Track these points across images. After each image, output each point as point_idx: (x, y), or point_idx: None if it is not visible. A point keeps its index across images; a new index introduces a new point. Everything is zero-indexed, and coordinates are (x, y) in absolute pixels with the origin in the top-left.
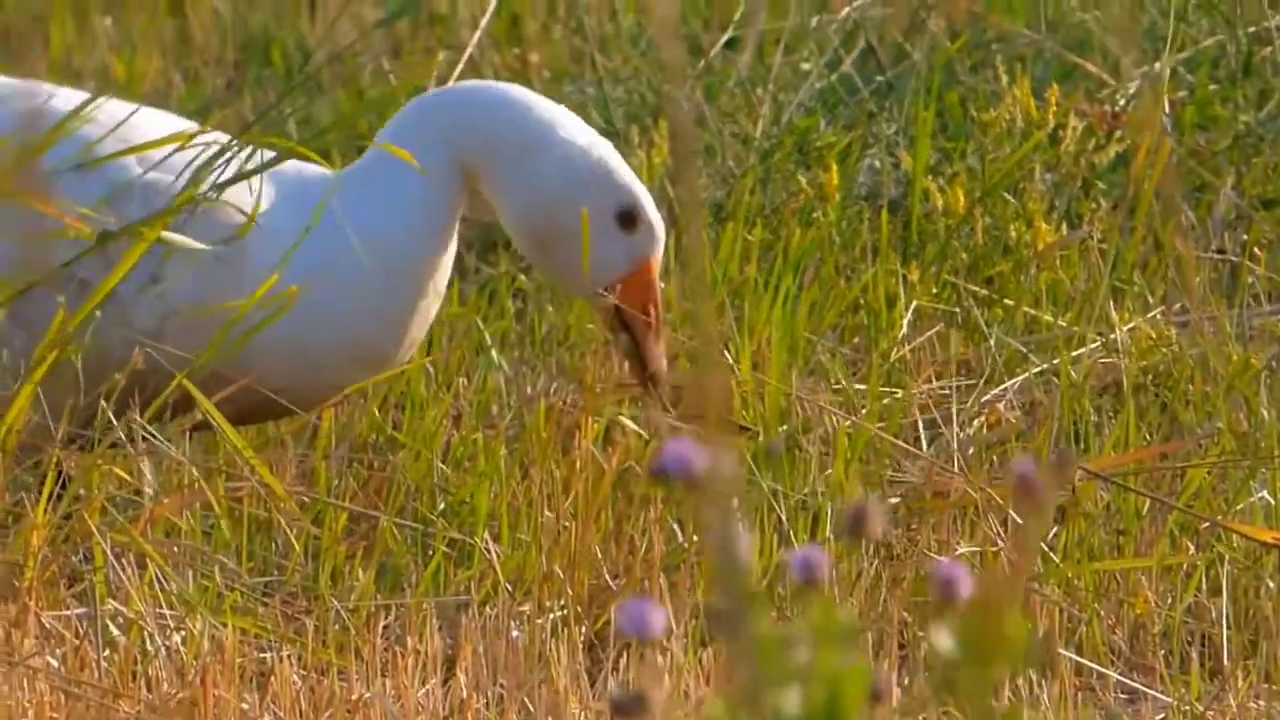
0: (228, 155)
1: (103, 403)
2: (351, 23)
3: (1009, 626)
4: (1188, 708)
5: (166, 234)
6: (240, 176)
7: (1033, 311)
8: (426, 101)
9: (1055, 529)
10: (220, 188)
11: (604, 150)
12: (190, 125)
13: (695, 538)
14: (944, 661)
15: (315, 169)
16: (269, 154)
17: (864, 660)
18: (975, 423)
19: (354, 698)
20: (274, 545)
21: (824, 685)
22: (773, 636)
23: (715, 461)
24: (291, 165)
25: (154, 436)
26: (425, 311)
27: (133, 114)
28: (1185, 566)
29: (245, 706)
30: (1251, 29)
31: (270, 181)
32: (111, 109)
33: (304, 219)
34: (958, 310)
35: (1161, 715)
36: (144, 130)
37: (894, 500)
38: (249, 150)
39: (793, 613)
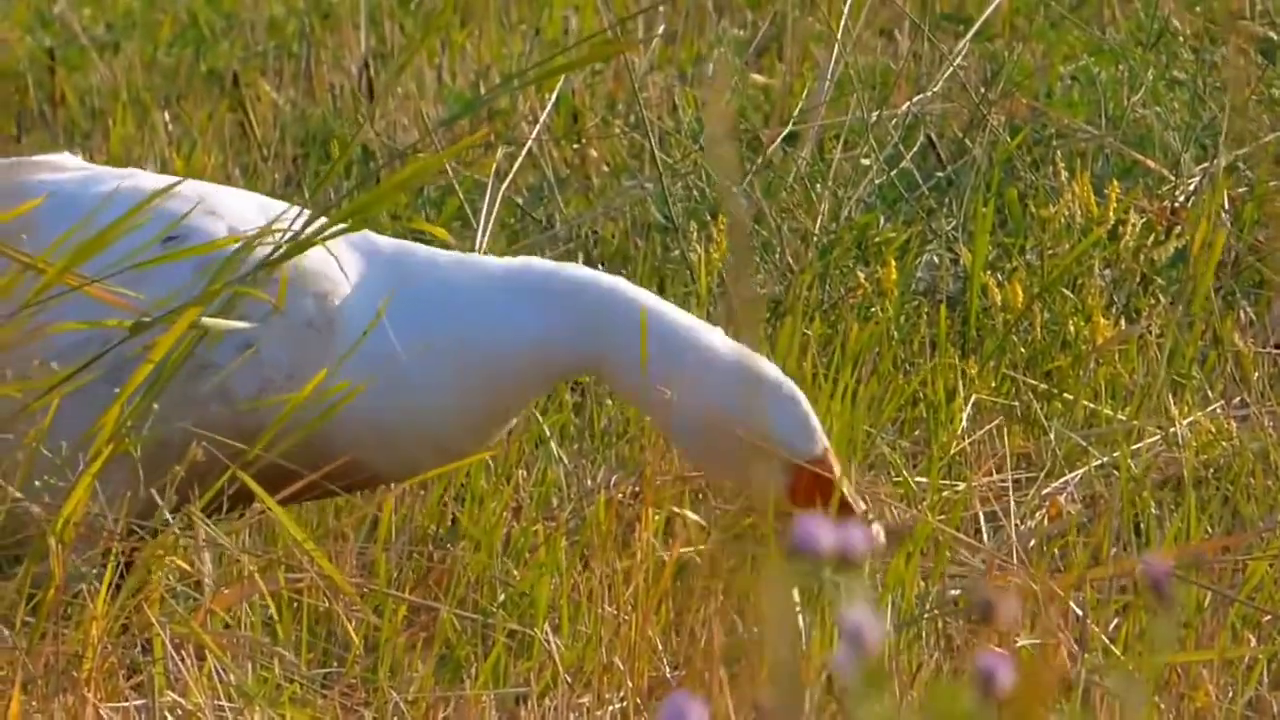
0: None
1: (161, 493)
2: (411, 118)
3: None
4: None
5: (206, 319)
6: (305, 243)
7: (1092, 405)
8: (581, 286)
9: (1115, 621)
10: (291, 259)
11: (743, 374)
12: (271, 202)
13: (755, 629)
14: None
15: (426, 251)
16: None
17: None
18: (1036, 515)
19: None
20: (333, 637)
21: None
22: None
23: (848, 539)
24: (395, 244)
25: (211, 529)
26: (506, 414)
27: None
28: (1246, 659)
29: None
30: None
31: (368, 258)
32: (193, 188)
33: (401, 300)
34: (1017, 404)
35: None
36: (229, 205)
37: (954, 592)
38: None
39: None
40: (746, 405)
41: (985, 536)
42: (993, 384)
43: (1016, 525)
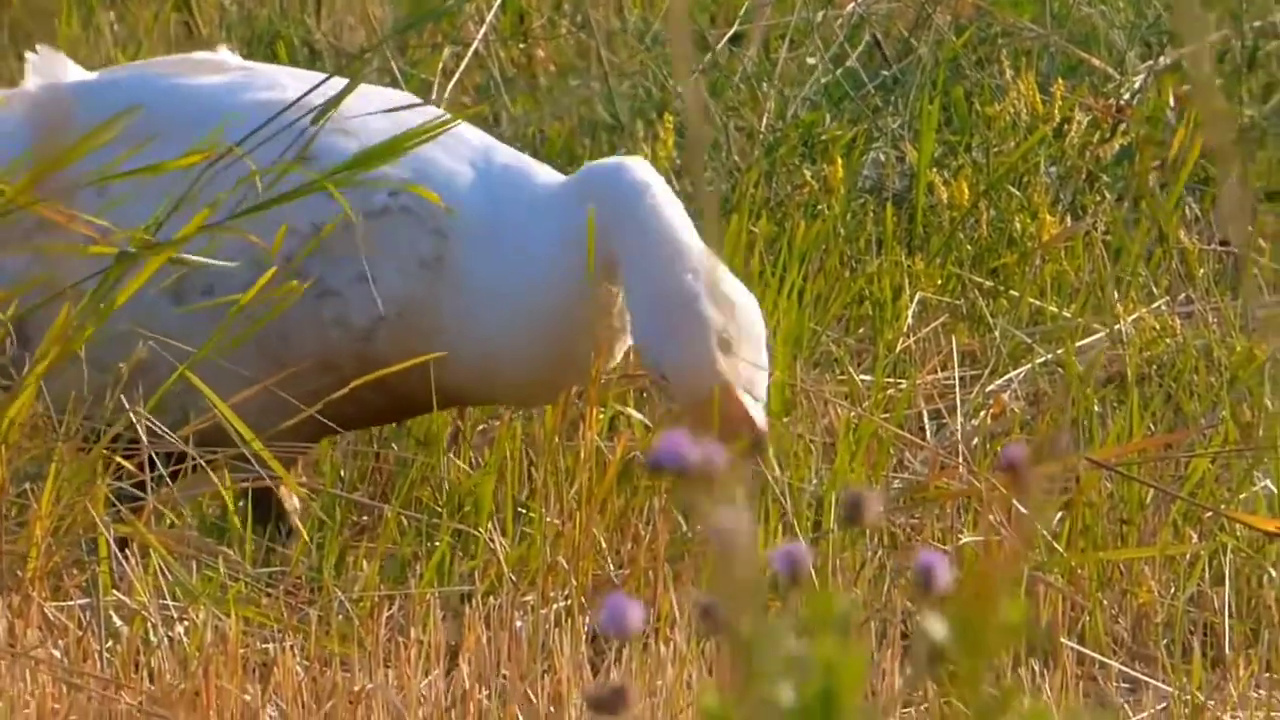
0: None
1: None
2: (357, 17)
3: (1006, 611)
4: (1189, 697)
5: (183, 255)
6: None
7: (1037, 303)
8: (602, 174)
9: (1060, 517)
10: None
11: (657, 305)
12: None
13: (698, 528)
14: (935, 648)
15: (547, 172)
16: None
17: (860, 650)
18: (980, 413)
19: (356, 688)
20: (279, 536)
21: (820, 676)
22: (766, 628)
23: (709, 454)
24: (518, 163)
25: (159, 427)
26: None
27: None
28: (1188, 556)
29: (247, 698)
30: (1257, 23)
31: (483, 179)
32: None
33: (517, 223)
34: (962, 302)
35: (1163, 705)
36: (362, 123)
37: (897, 490)
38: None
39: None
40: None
41: (929, 434)
42: (938, 281)
43: (961, 423)
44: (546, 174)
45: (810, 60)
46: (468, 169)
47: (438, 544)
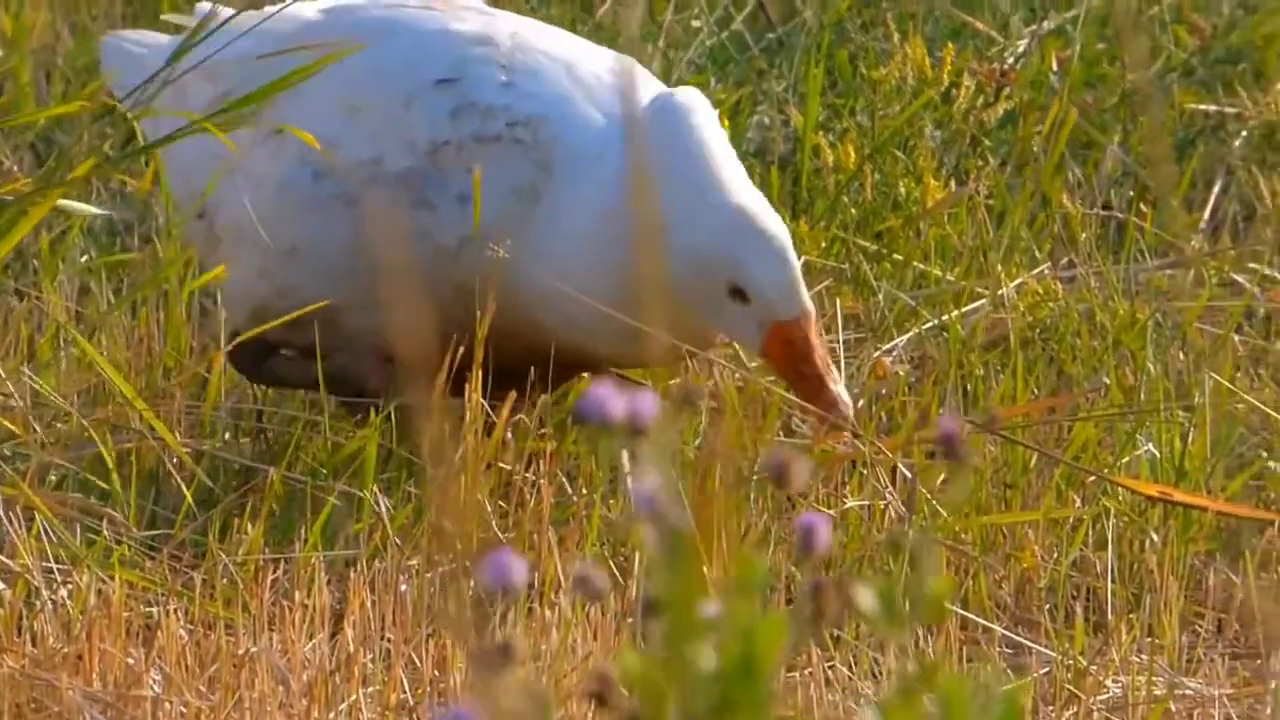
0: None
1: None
2: None
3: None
4: (1071, 662)
5: (63, 202)
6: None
7: (922, 267)
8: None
9: (942, 480)
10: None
11: (735, 220)
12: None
13: (584, 491)
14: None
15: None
16: None
17: (779, 613)
18: (865, 376)
19: (241, 652)
20: (163, 499)
21: (739, 639)
22: (688, 589)
23: (635, 406)
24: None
25: (41, 386)
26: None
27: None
28: (1071, 520)
29: (131, 661)
30: None
31: (595, 104)
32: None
33: (609, 157)
34: (847, 265)
35: (1046, 669)
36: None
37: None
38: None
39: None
40: (736, 254)
41: None
42: (823, 244)
43: (846, 386)
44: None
45: (695, 23)
46: (595, 108)
47: (322, 507)
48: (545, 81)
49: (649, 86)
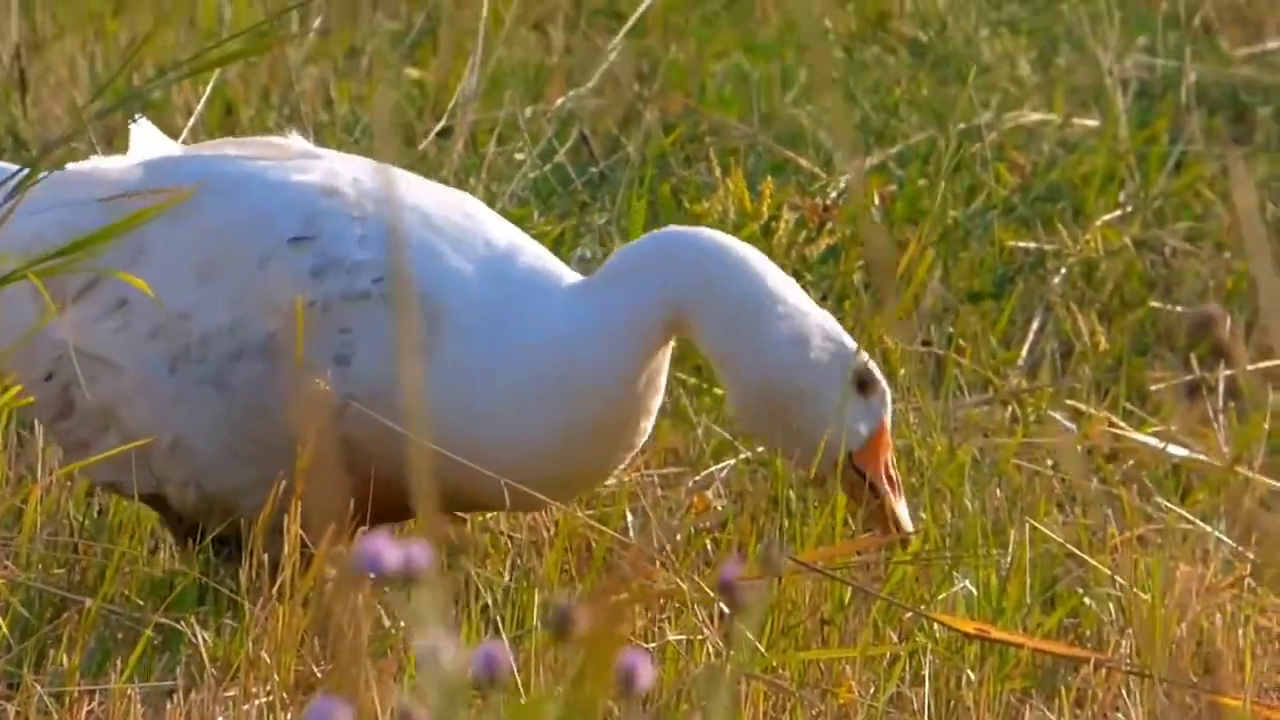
0: None
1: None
2: (64, 107)
3: None
4: None
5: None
6: None
7: None
8: (664, 237)
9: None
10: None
11: (828, 318)
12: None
13: (401, 623)
14: None
15: (555, 268)
16: None
17: None
18: (683, 510)
19: None
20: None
21: None
22: None
23: (411, 557)
24: (527, 256)
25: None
26: (615, 438)
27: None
28: (888, 656)
29: None
30: (961, 126)
31: (489, 271)
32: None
33: (524, 314)
34: (667, 399)
35: None
36: (375, 206)
37: (603, 589)
38: None
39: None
40: (852, 347)
41: (633, 532)
42: None
43: (664, 520)
44: (566, 270)
45: (519, 156)
46: (472, 263)
47: (139, 638)
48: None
49: (498, 227)
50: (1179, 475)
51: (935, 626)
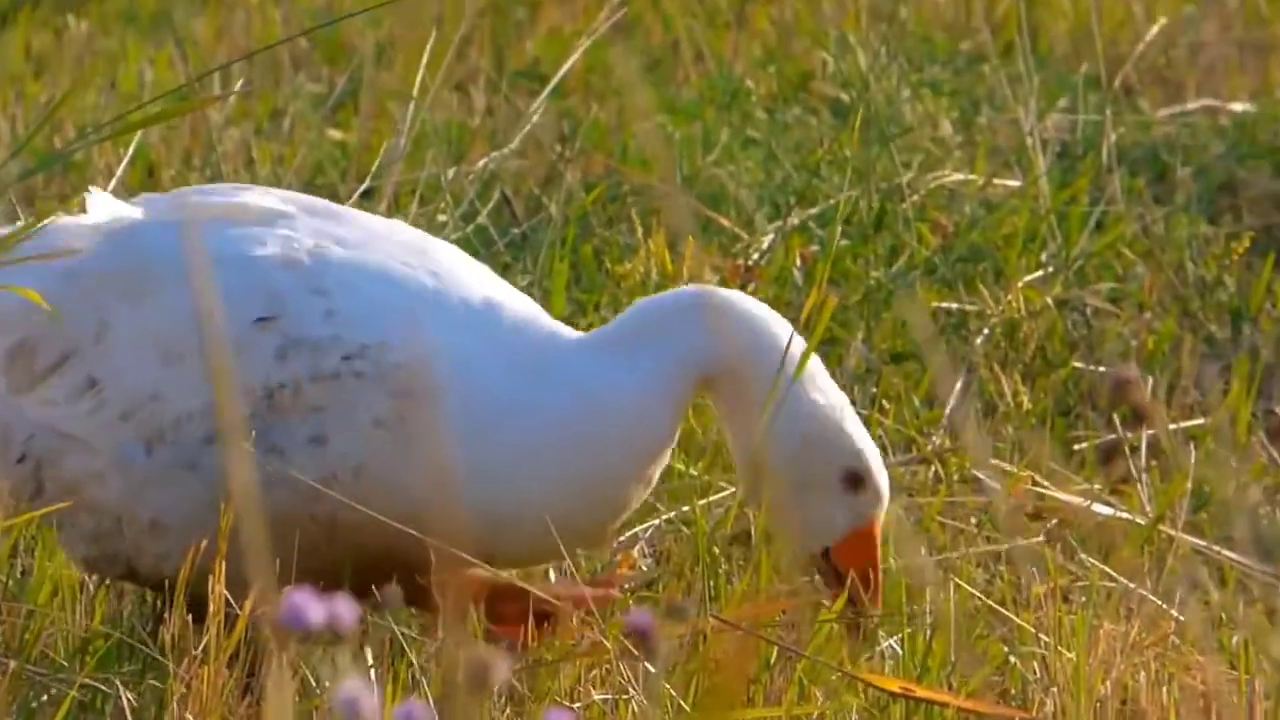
0: None
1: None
2: None
3: None
4: None
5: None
6: None
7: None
8: (695, 295)
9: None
10: None
11: (843, 410)
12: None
13: (328, 685)
14: None
15: (554, 329)
16: None
17: None
18: (608, 571)
19: None
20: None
21: None
22: None
23: (336, 614)
24: (525, 316)
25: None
26: (645, 486)
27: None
28: (814, 716)
29: None
30: (884, 185)
31: (481, 339)
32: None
33: (520, 382)
34: None
35: None
36: (342, 281)
37: (524, 649)
38: None
39: None
40: (860, 443)
41: None
42: None
43: (589, 579)
44: (560, 327)
45: (441, 217)
46: (456, 322)
47: (64, 700)
48: (367, 300)
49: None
50: (1103, 533)
51: (861, 685)
